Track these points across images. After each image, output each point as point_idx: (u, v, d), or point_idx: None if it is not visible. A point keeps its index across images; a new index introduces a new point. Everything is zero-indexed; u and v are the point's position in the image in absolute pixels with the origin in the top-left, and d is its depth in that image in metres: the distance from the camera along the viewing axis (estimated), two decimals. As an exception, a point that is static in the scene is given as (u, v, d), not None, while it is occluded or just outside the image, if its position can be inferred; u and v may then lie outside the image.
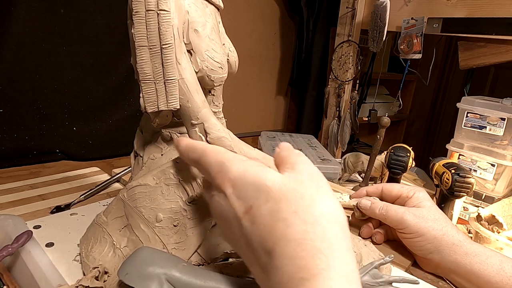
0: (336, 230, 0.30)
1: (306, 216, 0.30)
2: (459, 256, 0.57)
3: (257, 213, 0.31)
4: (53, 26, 0.95)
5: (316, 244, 0.28)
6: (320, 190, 0.32)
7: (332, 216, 0.31)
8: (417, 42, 1.15)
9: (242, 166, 0.34)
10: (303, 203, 0.31)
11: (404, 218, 0.61)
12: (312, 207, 0.30)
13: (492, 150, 0.99)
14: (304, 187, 0.32)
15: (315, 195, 0.31)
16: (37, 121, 0.98)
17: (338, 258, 0.28)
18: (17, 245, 0.48)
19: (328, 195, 0.32)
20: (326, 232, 0.29)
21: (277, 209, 0.30)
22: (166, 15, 0.41)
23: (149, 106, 0.43)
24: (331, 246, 0.29)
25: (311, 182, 0.32)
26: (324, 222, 0.30)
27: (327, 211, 0.31)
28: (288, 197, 0.31)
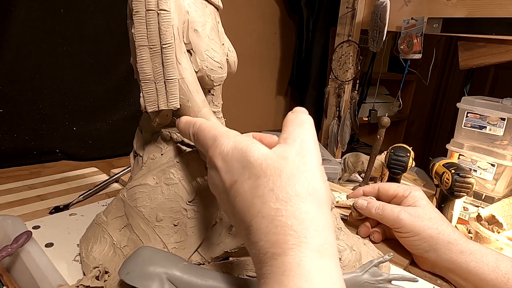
0: (310, 207, 0.30)
1: (281, 193, 0.30)
2: (455, 254, 0.57)
3: (239, 189, 0.32)
4: (53, 26, 0.95)
5: (288, 221, 0.29)
6: (301, 166, 0.32)
7: (308, 193, 0.31)
8: (417, 42, 1.15)
9: (232, 141, 0.34)
10: (280, 180, 0.31)
11: (399, 218, 0.62)
12: (288, 185, 0.30)
13: (492, 150, 0.99)
14: (285, 164, 0.31)
15: (294, 171, 0.31)
16: (37, 121, 0.98)
17: (310, 234, 0.29)
18: (16, 245, 0.48)
19: (309, 171, 0.32)
20: (298, 210, 0.30)
21: (256, 186, 0.31)
22: (166, 15, 0.41)
23: (149, 105, 0.43)
24: (302, 223, 0.29)
25: (294, 157, 0.32)
26: (297, 200, 0.30)
27: (303, 189, 0.31)
28: (267, 173, 0.31)
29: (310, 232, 0.29)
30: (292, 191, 0.30)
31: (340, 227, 0.54)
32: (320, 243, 0.29)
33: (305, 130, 0.35)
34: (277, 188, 0.30)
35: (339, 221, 0.54)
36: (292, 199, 0.30)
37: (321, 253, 0.28)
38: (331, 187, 0.96)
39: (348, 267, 0.49)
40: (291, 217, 0.29)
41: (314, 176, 0.32)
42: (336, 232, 0.51)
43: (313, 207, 0.30)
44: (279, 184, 0.30)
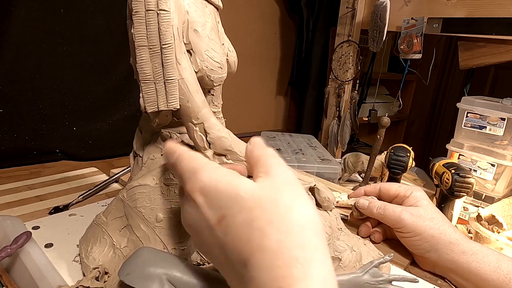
0: (311, 237, 0.30)
1: (281, 225, 0.29)
2: (456, 254, 0.57)
3: (231, 224, 0.31)
4: (53, 26, 0.95)
5: (292, 253, 0.28)
6: (296, 197, 0.32)
7: (308, 223, 0.30)
8: (417, 42, 1.15)
9: (214, 175, 0.33)
10: (279, 211, 0.30)
11: (401, 217, 0.62)
12: (287, 215, 0.30)
13: (492, 150, 0.99)
14: (279, 195, 0.31)
15: (290, 202, 0.31)
16: (37, 121, 0.98)
17: (314, 266, 0.28)
18: (16, 246, 0.48)
19: (304, 202, 0.32)
20: (301, 240, 0.29)
21: (252, 219, 0.30)
22: (166, 15, 0.41)
23: (149, 106, 0.43)
24: (306, 254, 0.28)
25: (286, 188, 0.32)
26: (299, 230, 0.29)
27: (302, 218, 0.30)
28: (262, 205, 0.30)
29: (314, 263, 0.28)
30: (292, 221, 0.30)
31: (340, 228, 0.53)
32: (324, 275, 0.28)
33: (280, 161, 0.35)
34: (276, 219, 0.30)
35: (339, 221, 0.54)
36: (294, 229, 0.29)
37: (325, 284, 0.28)
38: (331, 187, 0.96)
39: (349, 267, 0.49)
40: (295, 248, 0.28)
41: (309, 205, 0.32)
42: (336, 232, 0.51)
43: (314, 236, 0.30)
44: (277, 215, 0.30)
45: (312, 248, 0.29)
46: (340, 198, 0.84)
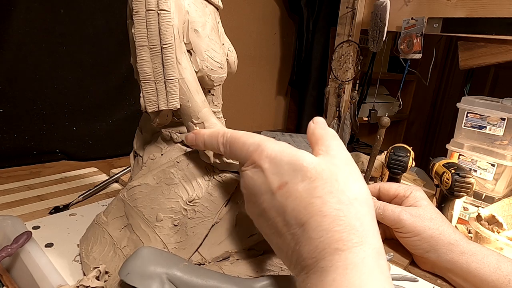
0: (367, 212, 0.33)
1: (342, 197, 0.33)
2: (456, 255, 0.57)
3: (292, 189, 0.34)
4: (53, 26, 0.95)
5: (351, 221, 0.31)
6: (353, 174, 0.35)
7: (363, 199, 0.34)
8: (417, 42, 1.15)
9: (278, 146, 0.36)
10: (338, 185, 0.33)
11: (400, 218, 0.62)
12: (346, 190, 0.33)
13: (492, 150, 0.99)
14: (338, 170, 0.34)
15: (348, 178, 0.34)
16: (37, 121, 0.98)
17: (369, 236, 0.32)
18: (16, 245, 0.48)
19: (360, 180, 0.35)
20: (359, 213, 0.32)
21: (313, 188, 0.33)
22: (167, 15, 0.41)
23: (150, 106, 0.43)
24: (363, 225, 0.32)
25: (345, 166, 0.35)
26: (357, 204, 0.33)
27: (359, 194, 0.34)
28: (324, 177, 0.33)
29: (370, 234, 0.32)
30: (351, 195, 0.33)
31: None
32: (379, 245, 0.32)
33: (341, 143, 0.38)
34: (336, 191, 0.33)
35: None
36: (353, 202, 0.33)
37: (379, 254, 0.31)
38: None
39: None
40: (353, 218, 0.32)
41: (364, 184, 0.35)
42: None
43: (369, 212, 0.33)
44: (337, 187, 0.33)
45: (367, 221, 0.32)
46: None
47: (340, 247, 0.30)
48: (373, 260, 0.30)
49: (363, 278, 0.29)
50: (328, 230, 0.31)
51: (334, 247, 0.30)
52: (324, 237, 0.31)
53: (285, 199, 0.34)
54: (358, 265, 0.30)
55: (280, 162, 0.35)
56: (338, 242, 0.31)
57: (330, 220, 0.31)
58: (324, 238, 0.31)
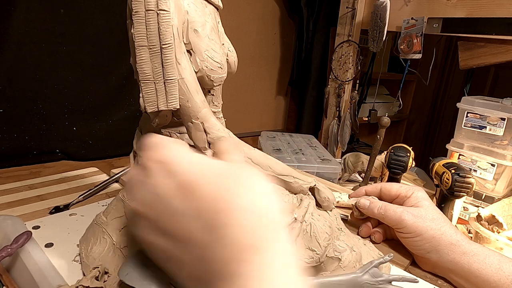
0: (274, 202, 0.32)
1: (251, 188, 0.31)
2: (457, 255, 0.57)
3: (197, 187, 0.31)
4: (53, 26, 0.95)
5: (262, 213, 0.30)
6: (255, 173, 0.34)
7: (270, 190, 0.32)
8: (417, 42, 1.15)
9: (173, 147, 0.35)
10: (247, 179, 0.32)
11: (402, 218, 0.62)
12: (255, 182, 0.32)
13: (492, 150, 0.99)
14: (244, 168, 0.34)
15: (255, 172, 0.33)
16: (37, 121, 0.98)
17: (279, 227, 0.30)
18: (16, 245, 0.48)
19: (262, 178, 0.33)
20: (269, 203, 0.31)
21: (222, 182, 0.31)
22: (166, 15, 0.41)
23: (149, 106, 0.43)
24: (273, 215, 0.31)
25: (245, 167, 0.35)
26: (265, 192, 0.32)
27: (266, 185, 0.32)
28: (231, 170, 0.33)
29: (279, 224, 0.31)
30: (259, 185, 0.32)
31: (340, 228, 0.53)
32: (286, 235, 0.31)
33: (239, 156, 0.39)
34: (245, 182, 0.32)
35: (339, 222, 0.54)
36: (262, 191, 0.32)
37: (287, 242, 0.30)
38: (331, 187, 0.96)
39: (348, 267, 0.49)
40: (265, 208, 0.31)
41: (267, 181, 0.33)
42: (336, 232, 0.51)
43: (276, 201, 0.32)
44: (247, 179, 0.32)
45: (276, 210, 0.31)
46: (341, 198, 0.84)
47: (256, 243, 0.28)
48: (284, 251, 0.29)
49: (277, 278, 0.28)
50: (242, 225, 0.29)
51: (251, 243, 0.28)
52: (238, 233, 0.29)
53: (190, 199, 0.31)
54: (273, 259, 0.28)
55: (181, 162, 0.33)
56: (254, 238, 0.29)
57: (243, 214, 0.29)
58: (239, 235, 0.29)
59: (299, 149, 1.25)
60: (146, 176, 0.33)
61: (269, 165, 0.48)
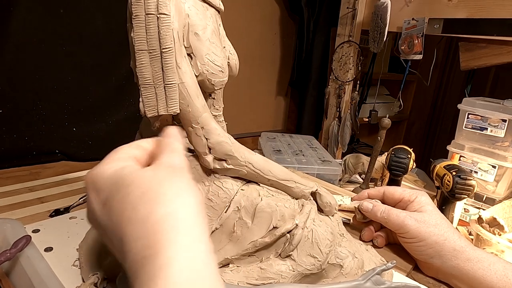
0: (179, 206, 0.30)
1: (152, 196, 0.30)
2: (461, 261, 0.57)
3: (111, 203, 0.31)
4: (53, 26, 0.94)
5: (158, 222, 0.28)
6: (172, 173, 0.32)
7: (180, 194, 0.31)
8: (418, 43, 1.15)
9: (104, 166, 0.34)
10: (152, 184, 0.30)
11: (405, 223, 0.61)
12: (158, 188, 0.30)
13: (493, 151, 0.99)
14: (156, 172, 0.32)
15: (163, 177, 0.31)
16: (37, 121, 0.98)
17: (179, 233, 0.28)
18: (15, 250, 0.47)
19: (177, 175, 0.32)
20: (171, 209, 0.29)
21: (127, 194, 0.30)
22: (166, 19, 0.40)
23: (149, 110, 0.42)
24: (173, 222, 0.28)
25: (164, 167, 0.33)
26: (170, 199, 0.30)
27: (174, 189, 0.31)
28: (136, 181, 0.31)
29: (181, 230, 0.28)
30: (162, 191, 0.30)
31: (342, 234, 0.53)
32: (189, 241, 0.28)
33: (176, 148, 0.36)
34: (148, 191, 0.30)
35: (341, 227, 0.54)
36: (165, 198, 0.30)
37: (189, 250, 0.28)
38: (332, 190, 0.95)
39: (350, 274, 0.49)
40: (162, 217, 0.29)
41: (183, 180, 0.32)
42: (338, 238, 0.51)
43: (183, 207, 0.30)
44: (150, 188, 0.30)
45: (180, 217, 0.29)
46: (343, 202, 0.84)
47: (148, 254, 0.27)
48: (180, 260, 0.27)
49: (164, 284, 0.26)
50: (138, 239, 0.28)
51: (143, 255, 0.27)
52: (134, 247, 0.28)
53: (108, 217, 0.31)
54: (162, 271, 0.26)
55: (102, 181, 0.33)
56: (146, 249, 0.27)
57: (138, 226, 0.28)
58: (135, 249, 0.28)
59: (299, 150, 1.24)
60: (87, 195, 0.34)
61: (270, 169, 0.48)
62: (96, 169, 0.34)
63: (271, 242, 0.46)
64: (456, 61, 2.00)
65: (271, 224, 0.46)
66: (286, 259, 0.46)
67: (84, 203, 0.77)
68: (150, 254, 0.27)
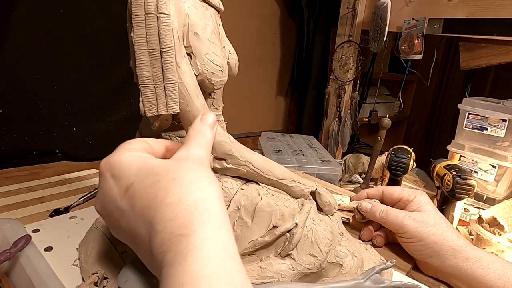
0: (211, 192, 0.32)
1: (184, 181, 0.32)
2: (460, 261, 0.57)
3: (137, 188, 0.33)
4: (53, 26, 0.95)
5: (192, 204, 0.30)
6: (198, 163, 0.35)
7: (209, 182, 0.33)
8: (418, 43, 1.15)
9: (123, 152, 0.36)
10: (181, 172, 0.33)
11: (404, 223, 0.61)
12: (190, 174, 0.33)
13: (493, 151, 0.99)
14: (183, 162, 0.34)
15: (192, 166, 0.34)
16: (37, 121, 0.98)
17: (211, 215, 0.30)
18: (15, 249, 0.47)
19: (206, 167, 0.35)
20: (202, 194, 0.31)
21: (157, 180, 0.32)
22: (166, 19, 0.40)
23: (149, 110, 0.42)
24: (205, 205, 0.31)
25: (191, 159, 0.35)
26: (200, 185, 0.32)
27: (204, 177, 0.33)
28: (168, 168, 0.33)
29: (212, 212, 0.31)
30: (193, 178, 0.32)
31: (341, 233, 0.53)
32: (221, 222, 0.31)
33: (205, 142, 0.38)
34: (179, 178, 0.32)
35: (340, 226, 0.54)
36: (196, 185, 0.32)
37: (220, 229, 0.30)
38: (332, 190, 0.95)
39: (350, 273, 0.49)
40: (195, 200, 0.31)
41: (208, 171, 0.35)
42: (338, 237, 0.51)
43: (212, 193, 0.32)
44: (180, 175, 0.32)
45: (210, 201, 0.31)
46: (342, 201, 0.84)
47: (183, 233, 0.29)
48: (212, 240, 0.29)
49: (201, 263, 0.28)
50: (172, 219, 0.30)
51: (178, 233, 0.29)
52: (168, 227, 0.30)
53: (132, 200, 0.33)
54: (198, 249, 0.28)
55: (124, 167, 0.34)
56: (181, 228, 0.29)
57: (172, 208, 0.30)
58: (169, 229, 0.30)
59: (300, 150, 1.24)
60: (101, 182, 0.36)
61: (270, 169, 0.48)
62: (113, 156, 0.36)
63: (271, 241, 0.46)
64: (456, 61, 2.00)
65: (271, 223, 0.46)
66: (286, 258, 0.47)
67: (84, 203, 0.77)
68: (186, 233, 0.29)
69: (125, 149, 0.37)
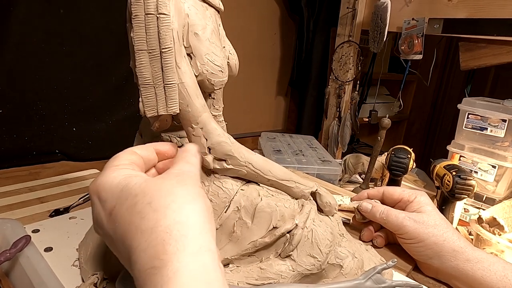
0: (189, 213, 0.30)
1: (159, 204, 0.30)
2: (461, 262, 0.57)
3: (118, 212, 0.31)
4: (53, 26, 0.95)
5: (166, 231, 0.28)
6: (181, 181, 0.32)
7: (189, 201, 0.31)
8: (418, 43, 1.15)
9: (109, 172, 0.34)
10: (159, 194, 0.30)
11: (404, 224, 0.61)
12: (167, 196, 0.30)
13: (493, 151, 0.99)
14: (163, 182, 0.32)
15: (172, 185, 0.32)
16: (37, 121, 0.98)
17: (188, 241, 0.28)
18: (15, 250, 0.47)
19: (187, 183, 0.32)
20: (179, 218, 0.29)
21: (134, 203, 0.30)
22: (166, 19, 0.40)
23: (148, 110, 0.42)
24: (182, 231, 0.28)
25: (172, 176, 0.33)
26: (177, 207, 0.30)
27: (182, 197, 0.31)
28: (145, 191, 0.31)
29: (189, 238, 0.28)
30: (170, 199, 0.30)
31: (342, 233, 0.53)
32: (197, 249, 0.28)
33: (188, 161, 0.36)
34: (154, 200, 0.30)
35: (341, 227, 0.54)
36: (172, 207, 0.29)
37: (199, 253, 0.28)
38: (332, 190, 0.95)
39: (350, 274, 0.49)
40: (170, 225, 0.28)
41: (192, 187, 0.32)
42: (338, 238, 0.51)
43: (192, 213, 0.30)
44: (157, 197, 0.30)
45: (189, 223, 0.29)
46: (343, 202, 0.84)
47: (156, 265, 0.27)
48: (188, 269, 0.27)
49: None
50: (145, 248, 0.28)
51: (151, 265, 0.27)
52: (141, 257, 0.28)
53: (114, 224, 0.31)
54: (171, 281, 0.26)
55: (108, 189, 0.33)
56: (154, 259, 0.27)
57: (146, 236, 0.28)
58: (141, 259, 0.28)
59: (299, 150, 1.24)
60: (92, 205, 0.35)
61: (269, 169, 0.48)
62: (99, 179, 0.34)
63: (271, 242, 0.46)
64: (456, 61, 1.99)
65: (271, 224, 0.46)
66: (286, 259, 0.46)
67: (84, 203, 0.77)
68: (159, 265, 0.27)
69: (112, 168, 0.35)
